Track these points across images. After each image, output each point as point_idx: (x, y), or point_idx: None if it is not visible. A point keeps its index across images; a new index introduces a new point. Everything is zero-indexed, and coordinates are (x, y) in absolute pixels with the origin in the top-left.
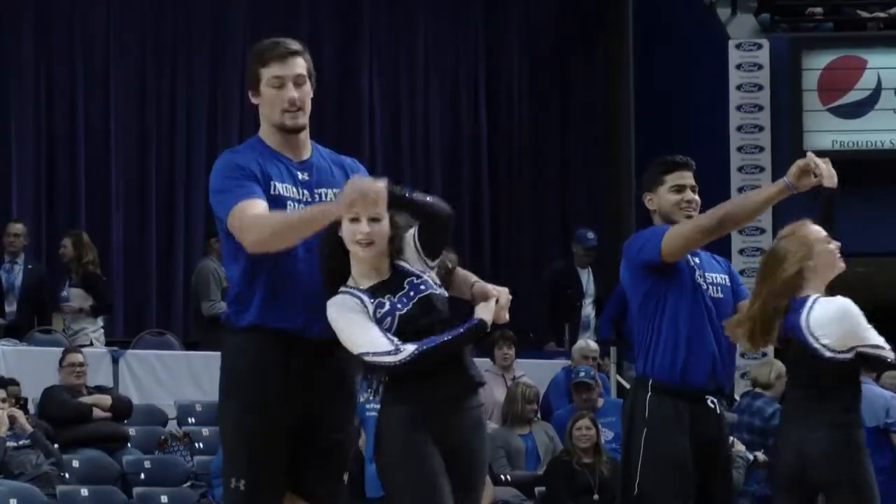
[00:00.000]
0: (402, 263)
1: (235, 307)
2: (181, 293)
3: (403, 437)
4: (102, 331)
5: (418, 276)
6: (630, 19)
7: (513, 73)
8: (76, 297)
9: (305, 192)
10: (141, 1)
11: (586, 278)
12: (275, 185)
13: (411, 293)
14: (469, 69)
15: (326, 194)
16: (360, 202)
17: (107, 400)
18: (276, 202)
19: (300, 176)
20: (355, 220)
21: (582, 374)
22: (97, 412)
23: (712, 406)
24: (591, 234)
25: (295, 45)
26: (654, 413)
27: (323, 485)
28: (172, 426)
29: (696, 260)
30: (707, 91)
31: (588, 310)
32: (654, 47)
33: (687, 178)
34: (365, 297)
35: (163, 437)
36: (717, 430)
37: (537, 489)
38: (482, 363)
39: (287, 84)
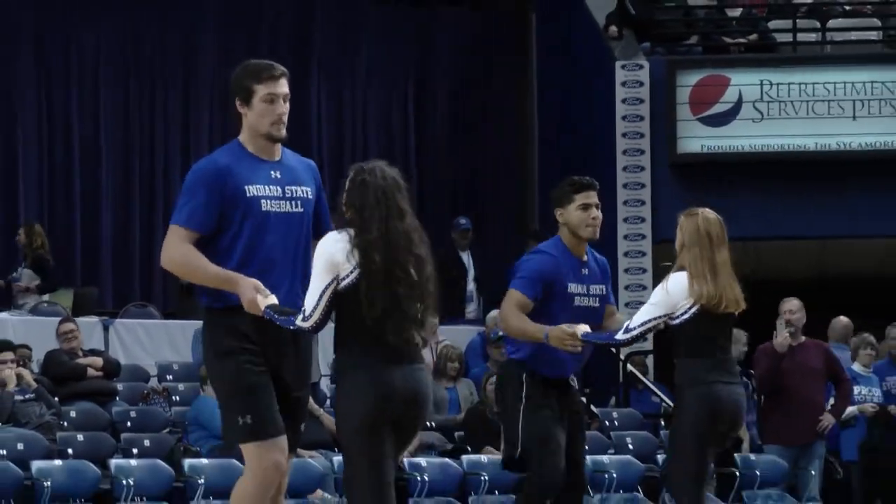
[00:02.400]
0: None
1: (218, 293)
2: (160, 273)
3: None
4: (45, 305)
5: None
6: (534, 44)
7: (437, 89)
8: (26, 277)
9: (277, 188)
10: (125, 31)
11: (467, 259)
12: (248, 189)
13: None
14: (401, 87)
15: (295, 191)
16: (250, 307)
17: (98, 361)
18: (250, 203)
19: (273, 175)
20: None
21: (500, 332)
22: (91, 371)
23: (573, 383)
24: (463, 220)
25: (283, 69)
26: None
27: (291, 433)
28: (154, 382)
29: (584, 272)
30: (598, 103)
31: (471, 286)
32: (555, 67)
33: (592, 197)
34: None
35: (145, 392)
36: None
37: (457, 433)
38: None
39: (278, 101)
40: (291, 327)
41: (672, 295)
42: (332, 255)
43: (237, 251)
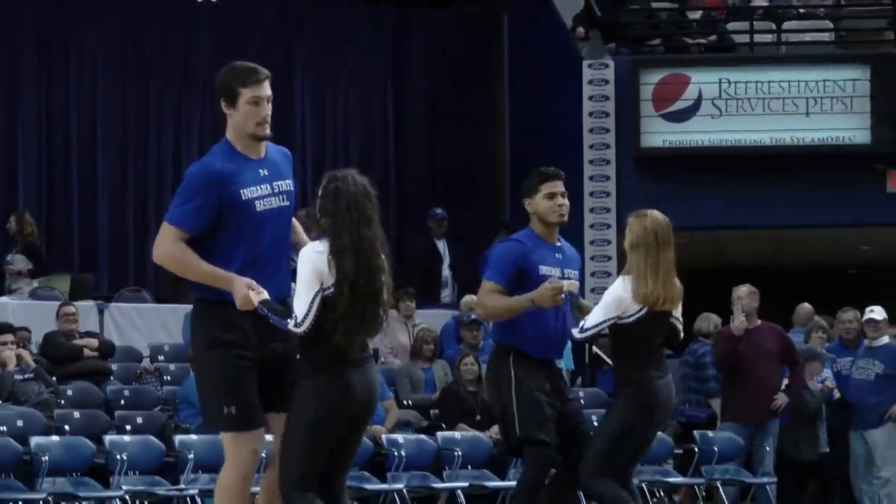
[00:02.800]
0: None
1: (212, 287)
2: (152, 260)
3: None
4: (44, 290)
5: None
6: (506, 45)
7: (415, 87)
8: (19, 261)
9: (266, 186)
10: (123, 32)
11: (443, 247)
12: (243, 193)
13: None
14: (381, 86)
15: (281, 186)
16: (244, 305)
17: (94, 342)
18: (246, 206)
19: (262, 172)
20: None
21: (473, 315)
22: (87, 352)
23: (555, 366)
24: (438, 210)
25: (267, 72)
26: (518, 370)
27: (283, 399)
28: (146, 363)
29: (558, 256)
30: (566, 100)
31: (446, 272)
32: (525, 66)
33: (558, 186)
34: None
35: (138, 371)
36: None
37: (432, 411)
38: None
39: (262, 103)
40: (282, 328)
41: (623, 299)
42: (318, 265)
43: (240, 252)
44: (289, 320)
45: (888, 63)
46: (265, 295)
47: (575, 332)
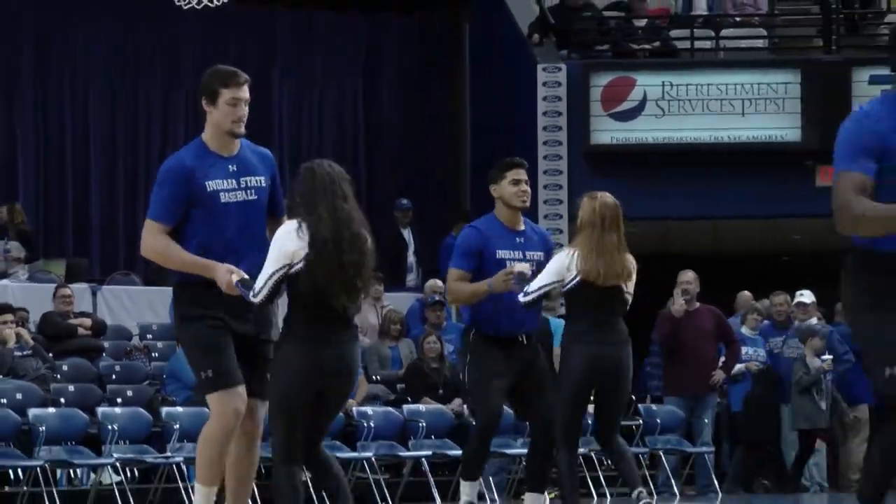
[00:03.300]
0: None
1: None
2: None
3: None
4: (28, 273)
5: None
6: (467, 49)
7: (383, 88)
8: (15, 248)
9: (233, 181)
10: (115, 36)
11: (408, 235)
12: (207, 185)
13: None
14: (352, 88)
15: (250, 181)
16: (228, 290)
17: (87, 322)
18: (211, 198)
19: (231, 168)
20: None
21: (437, 297)
22: (81, 330)
23: (521, 341)
24: (404, 201)
25: (247, 76)
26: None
27: (259, 381)
28: (135, 341)
29: (519, 240)
30: (522, 100)
31: (411, 258)
32: (485, 69)
33: (521, 174)
34: None
35: (128, 349)
36: (531, 357)
37: (399, 385)
38: None
39: (240, 104)
40: (246, 298)
41: (561, 266)
42: (285, 244)
43: (205, 240)
44: (250, 291)
45: (817, 68)
46: (243, 274)
47: (520, 297)
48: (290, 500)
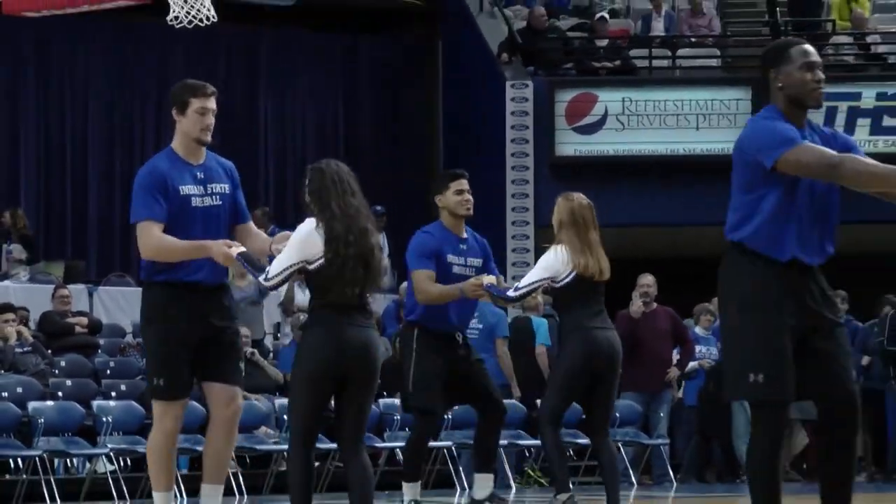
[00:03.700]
0: None
1: (151, 268)
2: (136, 249)
3: None
4: (29, 273)
5: None
6: (440, 67)
7: (361, 103)
8: (17, 250)
9: (201, 187)
10: (111, 51)
11: (383, 240)
12: (181, 189)
13: None
14: (332, 103)
15: (214, 188)
16: (226, 261)
17: (84, 320)
18: (183, 201)
19: (199, 175)
20: None
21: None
22: (78, 329)
23: (458, 339)
24: (379, 208)
25: (214, 88)
26: (420, 345)
27: (232, 371)
28: (129, 338)
29: (463, 247)
30: (492, 115)
31: (385, 261)
32: (457, 86)
33: (464, 184)
34: None
35: (122, 346)
36: (466, 353)
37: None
38: None
39: (207, 113)
40: (255, 278)
41: (556, 263)
42: (307, 243)
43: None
44: (262, 274)
45: (766, 85)
46: (242, 248)
47: (510, 292)
48: (304, 485)
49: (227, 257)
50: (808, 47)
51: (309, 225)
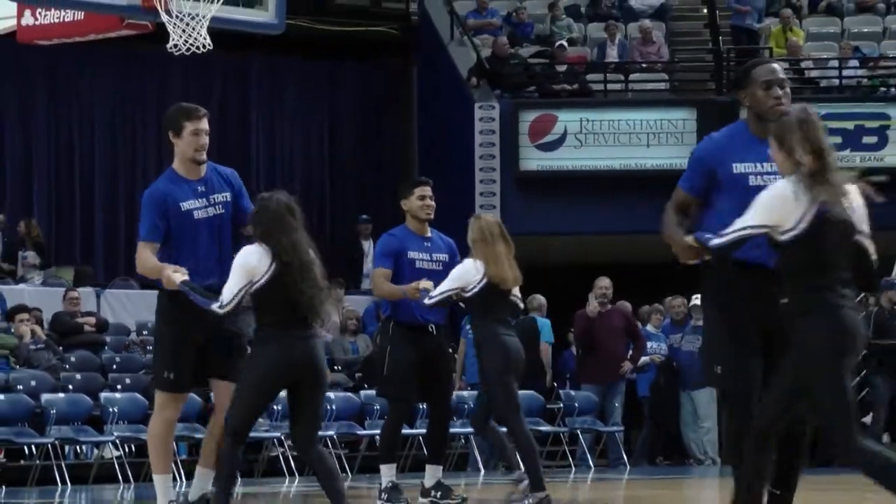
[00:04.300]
0: None
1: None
2: None
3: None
4: (42, 277)
5: None
6: (415, 90)
7: (344, 124)
8: (31, 257)
9: (203, 200)
10: (115, 75)
11: (368, 246)
12: (182, 206)
13: None
14: (318, 124)
15: (216, 198)
16: (168, 284)
17: (92, 320)
18: (185, 216)
19: (199, 189)
20: None
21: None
22: (87, 328)
23: (430, 330)
24: (364, 217)
25: (205, 111)
26: (394, 338)
27: (233, 367)
28: (133, 336)
29: (427, 244)
30: (462, 134)
31: (368, 265)
32: (431, 107)
33: (427, 190)
34: None
35: (127, 343)
36: (438, 346)
37: (357, 374)
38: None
39: (201, 134)
40: (204, 307)
41: (467, 274)
42: (248, 263)
43: (184, 251)
44: (215, 303)
45: (710, 106)
46: (186, 277)
47: (425, 300)
48: (232, 476)
49: (169, 282)
50: (770, 67)
51: (248, 249)
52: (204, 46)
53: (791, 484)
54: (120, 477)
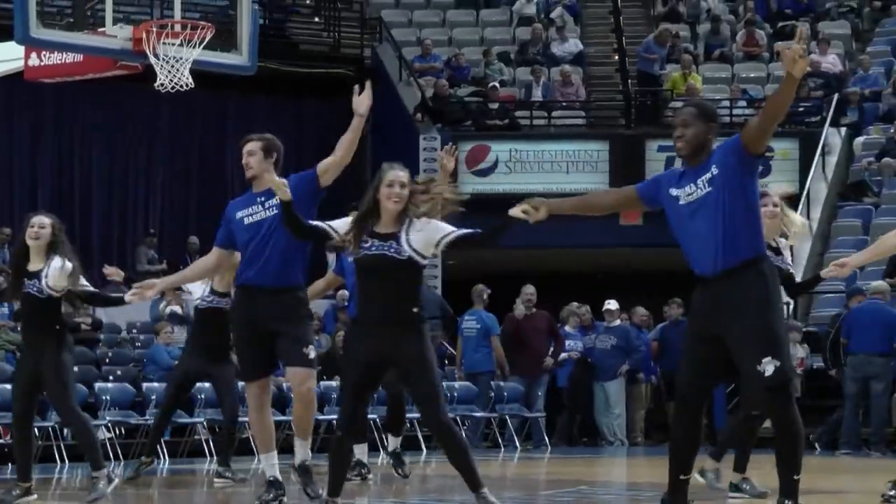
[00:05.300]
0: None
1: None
2: (129, 263)
3: None
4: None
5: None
6: (369, 124)
7: (307, 156)
8: None
9: (259, 206)
10: (111, 107)
11: (330, 258)
12: (237, 215)
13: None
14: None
15: (270, 203)
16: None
17: (88, 320)
18: (238, 223)
19: (259, 199)
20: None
21: (345, 303)
22: (83, 326)
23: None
24: None
25: (250, 137)
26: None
27: (298, 358)
28: (124, 334)
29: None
30: (408, 161)
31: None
32: (383, 139)
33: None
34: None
35: (118, 340)
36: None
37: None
38: None
39: (245, 156)
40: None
41: None
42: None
43: (241, 249)
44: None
45: (620, 139)
46: (153, 295)
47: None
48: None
49: (138, 295)
50: (676, 118)
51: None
52: (186, 85)
53: None
54: (111, 455)
